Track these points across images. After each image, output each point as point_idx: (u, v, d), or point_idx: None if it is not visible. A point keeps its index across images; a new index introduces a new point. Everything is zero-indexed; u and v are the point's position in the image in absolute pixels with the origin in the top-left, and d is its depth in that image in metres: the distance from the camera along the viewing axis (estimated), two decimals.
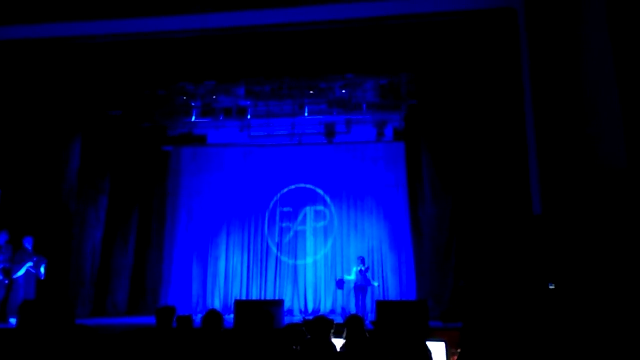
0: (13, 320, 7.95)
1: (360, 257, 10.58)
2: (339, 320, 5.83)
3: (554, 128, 7.19)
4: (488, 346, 3.55)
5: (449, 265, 9.96)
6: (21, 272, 8.44)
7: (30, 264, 8.48)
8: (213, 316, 4.18)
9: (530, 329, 6.18)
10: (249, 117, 11.96)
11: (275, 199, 12.50)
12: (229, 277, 12.19)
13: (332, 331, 4.08)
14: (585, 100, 6.99)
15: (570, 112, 7.14)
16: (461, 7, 8.06)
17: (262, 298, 11.79)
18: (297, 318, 10.83)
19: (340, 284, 10.65)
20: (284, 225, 12.39)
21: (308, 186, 12.46)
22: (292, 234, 12.31)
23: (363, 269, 10.16)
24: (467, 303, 8.65)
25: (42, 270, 8.57)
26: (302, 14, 8.27)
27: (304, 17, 8.34)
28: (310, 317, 4.27)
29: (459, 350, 3.62)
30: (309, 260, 12.08)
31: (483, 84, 8.84)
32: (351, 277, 10.32)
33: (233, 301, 9.89)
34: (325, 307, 11.69)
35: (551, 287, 6.57)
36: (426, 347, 3.78)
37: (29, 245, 8.63)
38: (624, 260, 5.68)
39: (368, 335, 4.37)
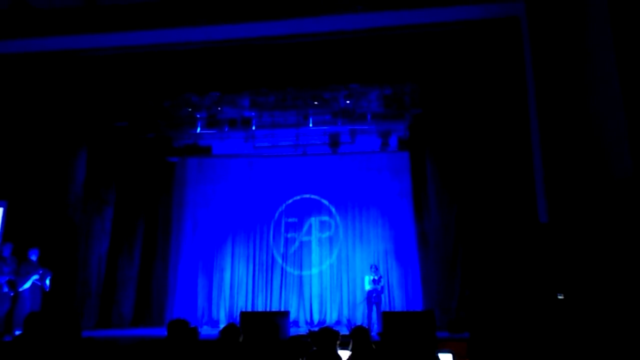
0: (19, 333, 7.94)
1: (373, 264, 10.50)
2: (344, 331, 5.79)
3: (559, 136, 7.17)
4: (496, 356, 3.52)
5: (455, 274, 9.89)
6: (27, 285, 8.45)
7: (36, 277, 8.50)
8: (232, 330, 4.18)
9: (538, 339, 6.12)
10: (253, 128, 11.99)
11: (280, 209, 12.49)
12: (234, 288, 12.16)
13: (338, 343, 4.06)
14: (590, 108, 6.97)
15: (575, 120, 7.13)
16: (464, 17, 8.08)
17: (268, 309, 11.75)
18: (303, 329, 10.78)
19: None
20: (289, 235, 12.37)
21: (313, 196, 12.45)
22: (297, 244, 12.28)
23: (376, 278, 10.07)
24: (474, 313, 8.58)
25: (47, 282, 8.58)
26: (305, 26, 8.32)
27: (308, 29, 8.39)
28: (316, 329, 4.25)
29: None
30: (314, 270, 12.04)
31: (487, 92, 8.84)
32: (366, 287, 10.23)
33: (238, 312, 9.86)
34: (331, 318, 11.63)
35: (560, 297, 6.51)
36: (437, 358, 3.75)
37: (34, 257, 8.65)
38: (631, 268, 5.63)
39: (374, 347, 4.34)
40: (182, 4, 8.35)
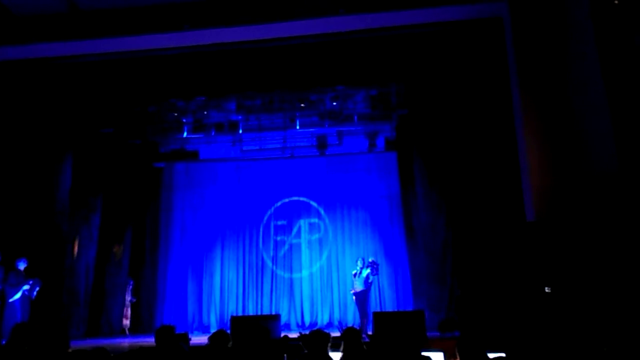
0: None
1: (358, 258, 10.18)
2: (336, 332, 5.78)
3: (543, 135, 7.24)
4: (486, 355, 3.55)
5: (445, 274, 9.95)
6: (17, 295, 8.33)
7: (26, 287, 8.39)
8: (221, 336, 4.16)
9: (528, 336, 6.17)
10: (240, 131, 11.97)
11: (269, 212, 12.47)
12: (224, 293, 12.11)
13: (329, 345, 4.05)
14: (574, 106, 7.05)
15: (559, 118, 7.20)
16: (448, 17, 8.14)
17: (259, 313, 11.71)
18: (294, 332, 10.75)
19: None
20: (279, 238, 12.35)
21: (302, 199, 12.45)
22: (286, 247, 12.27)
23: (357, 271, 9.60)
24: (464, 312, 8.63)
25: (35, 292, 8.49)
26: (290, 29, 8.32)
27: (292, 32, 8.39)
28: (307, 331, 4.24)
29: None
30: (305, 273, 12.03)
31: (472, 92, 8.91)
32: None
33: (229, 317, 9.82)
34: (322, 319, 11.62)
35: (547, 291, 6.57)
36: (422, 357, 3.77)
37: (22, 267, 8.54)
38: (617, 261, 5.70)
39: (365, 348, 4.34)
40: (166, 9, 8.31)
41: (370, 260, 9.80)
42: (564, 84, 7.22)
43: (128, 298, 11.58)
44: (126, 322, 11.43)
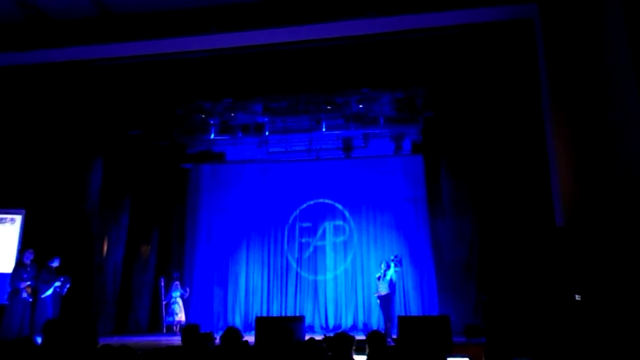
0: (39, 339, 8.03)
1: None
2: (361, 336, 5.76)
3: (574, 138, 7.10)
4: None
5: (471, 278, 9.83)
6: (49, 292, 8.58)
7: (57, 284, 8.63)
8: (231, 333, 4.19)
9: (556, 344, 6.05)
10: (266, 133, 12.04)
11: (294, 214, 12.49)
12: (249, 294, 12.17)
13: (353, 348, 4.04)
14: (606, 110, 6.89)
15: (590, 122, 7.05)
16: (476, 19, 8.04)
17: (283, 314, 11.73)
18: (319, 334, 10.74)
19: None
20: (304, 240, 12.35)
21: (327, 201, 12.44)
22: (311, 249, 12.27)
23: (381, 274, 9.53)
24: (490, 317, 8.50)
25: (65, 288, 8.72)
26: (316, 31, 8.33)
27: (319, 34, 8.41)
28: (331, 334, 4.24)
29: None
30: (329, 275, 12.01)
31: (500, 95, 8.79)
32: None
33: (254, 318, 9.87)
34: (346, 322, 11.58)
35: (577, 298, 6.43)
36: None
37: (55, 265, 8.76)
38: None
39: (390, 352, 4.32)
40: (193, 13, 8.42)
41: (392, 257, 9.75)
42: (595, 88, 7.06)
43: (178, 292, 11.55)
44: (171, 319, 11.36)
